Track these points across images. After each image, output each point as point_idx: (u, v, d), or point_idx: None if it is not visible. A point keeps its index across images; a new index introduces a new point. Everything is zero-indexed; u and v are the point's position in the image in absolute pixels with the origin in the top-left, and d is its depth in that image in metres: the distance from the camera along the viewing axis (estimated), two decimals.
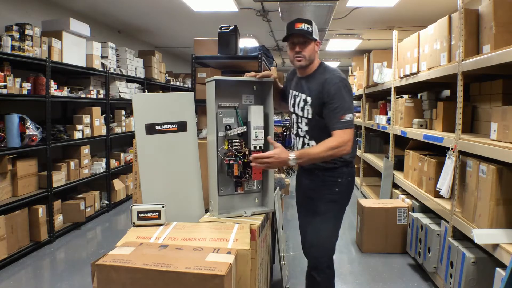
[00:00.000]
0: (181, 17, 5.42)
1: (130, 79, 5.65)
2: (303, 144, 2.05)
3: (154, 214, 1.77)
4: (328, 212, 2.03)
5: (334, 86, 1.89)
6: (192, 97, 2.07)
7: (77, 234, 4.20)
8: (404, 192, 3.83)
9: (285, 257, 2.78)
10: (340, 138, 1.84)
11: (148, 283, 1.29)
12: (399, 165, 4.09)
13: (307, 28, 1.94)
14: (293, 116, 2.10)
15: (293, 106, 2.08)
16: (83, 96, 4.50)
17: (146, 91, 6.04)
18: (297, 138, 2.09)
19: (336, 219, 2.07)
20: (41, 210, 3.68)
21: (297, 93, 2.06)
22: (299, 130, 2.06)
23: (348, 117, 1.87)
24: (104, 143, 4.96)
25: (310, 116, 1.98)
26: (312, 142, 2.01)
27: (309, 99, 1.98)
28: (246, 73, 2.04)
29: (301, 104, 2.02)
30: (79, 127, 4.32)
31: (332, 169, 2.02)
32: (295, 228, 4.31)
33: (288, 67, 11.82)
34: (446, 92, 3.89)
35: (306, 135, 2.04)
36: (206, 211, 2.02)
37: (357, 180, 5.86)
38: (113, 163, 5.21)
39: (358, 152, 5.88)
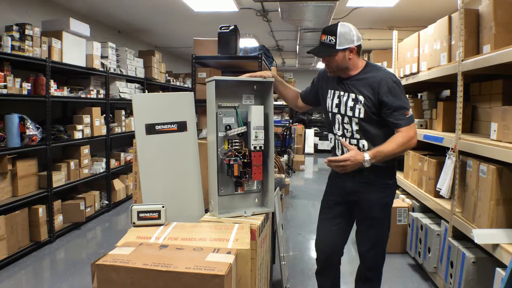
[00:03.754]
0: (181, 17, 5.42)
1: (130, 79, 5.64)
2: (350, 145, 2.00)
3: (154, 214, 1.77)
4: (385, 216, 2.07)
5: (393, 84, 1.91)
6: (192, 97, 2.07)
7: (77, 234, 4.21)
8: (404, 192, 3.83)
9: (285, 257, 2.78)
10: (408, 133, 1.88)
11: (148, 283, 1.29)
12: (399, 165, 4.08)
13: (330, 40, 1.94)
14: (337, 116, 2.03)
15: (338, 106, 2.03)
16: (83, 96, 4.50)
17: (146, 91, 6.04)
18: (343, 138, 2.03)
19: (390, 219, 2.12)
20: (41, 210, 3.68)
21: (342, 93, 2.01)
22: (345, 131, 2.01)
23: (410, 112, 1.92)
24: (104, 143, 4.96)
25: (362, 115, 1.94)
26: (363, 142, 1.97)
27: (361, 98, 1.94)
28: (250, 74, 2.03)
29: (350, 103, 1.97)
30: (79, 127, 4.32)
31: (383, 168, 2.00)
32: (295, 228, 4.32)
33: (288, 67, 11.81)
34: (446, 92, 3.89)
35: (356, 135, 1.98)
36: (206, 211, 2.02)
37: None
38: (113, 163, 5.21)
39: None
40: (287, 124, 7.70)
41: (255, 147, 1.92)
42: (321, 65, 6.27)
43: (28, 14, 4.16)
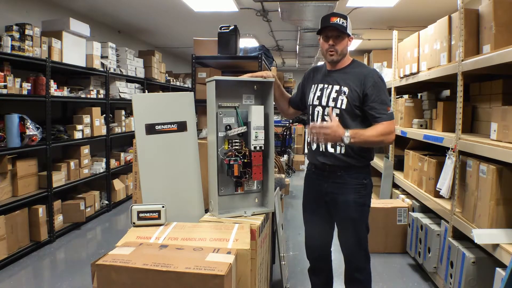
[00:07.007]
0: (181, 17, 5.42)
1: (130, 79, 5.65)
2: None
3: (154, 214, 1.77)
4: (362, 216, 2.07)
5: (379, 79, 1.96)
6: (192, 97, 2.07)
7: (77, 234, 4.21)
8: (404, 192, 3.83)
9: (285, 257, 2.78)
10: (388, 126, 1.91)
11: (148, 283, 1.29)
12: (399, 165, 4.09)
13: (342, 22, 1.95)
14: (318, 108, 2.05)
15: (319, 98, 2.05)
16: (83, 96, 4.50)
17: (146, 91, 6.04)
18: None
19: (367, 219, 2.12)
20: (41, 210, 3.68)
21: (326, 85, 2.04)
22: (324, 122, 2.00)
23: (391, 109, 1.96)
24: (104, 143, 4.96)
25: (344, 106, 1.97)
26: None
27: (345, 89, 1.97)
28: (251, 74, 2.03)
29: (333, 94, 2.00)
30: (79, 127, 4.32)
31: (357, 168, 2.02)
32: (295, 228, 4.31)
33: (288, 67, 11.81)
34: (446, 92, 3.89)
35: None
36: (206, 211, 2.02)
37: None
38: (113, 163, 5.21)
39: None
40: (287, 124, 7.70)
41: (255, 147, 1.92)
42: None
43: (28, 14, 4.15)
